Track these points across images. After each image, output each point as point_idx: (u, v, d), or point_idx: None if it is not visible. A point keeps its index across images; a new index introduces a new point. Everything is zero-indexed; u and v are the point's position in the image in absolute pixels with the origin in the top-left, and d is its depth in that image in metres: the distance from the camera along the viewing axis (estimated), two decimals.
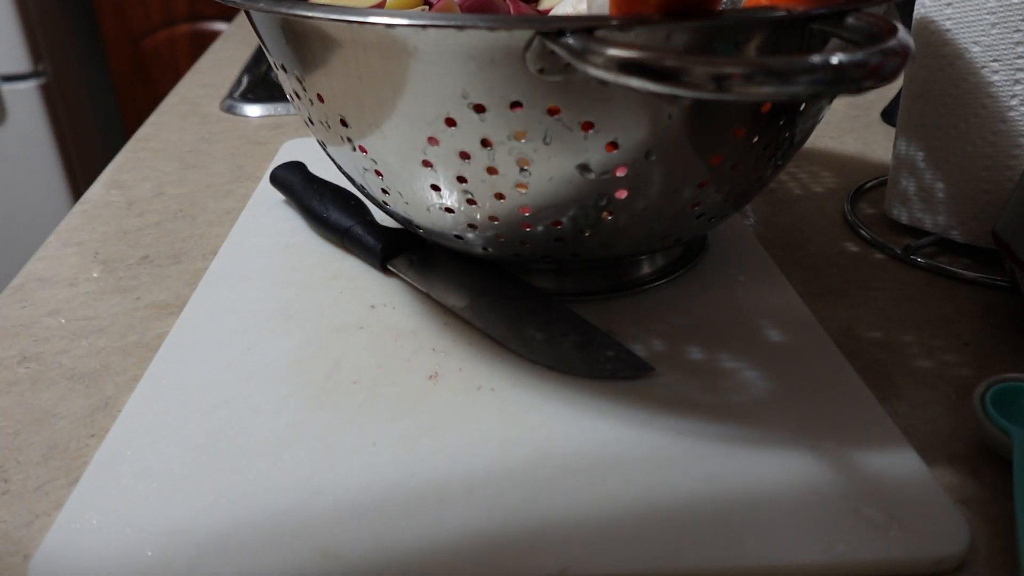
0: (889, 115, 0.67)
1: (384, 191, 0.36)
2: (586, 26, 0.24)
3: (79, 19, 1.74)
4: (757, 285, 0.41)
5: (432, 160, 0.32)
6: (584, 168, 0.31)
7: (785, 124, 0.33)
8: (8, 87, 1.46)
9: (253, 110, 0.72)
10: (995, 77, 0.40)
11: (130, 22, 1.73)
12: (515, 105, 0.29)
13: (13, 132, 1.49)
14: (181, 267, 0.46)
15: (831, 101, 0.38)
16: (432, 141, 0.31)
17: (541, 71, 0.28)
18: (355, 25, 0.29)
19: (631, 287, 0.40)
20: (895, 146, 0.47)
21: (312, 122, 0.37)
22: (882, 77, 0.22)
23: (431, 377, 0.35)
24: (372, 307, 0.40)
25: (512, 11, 0.37)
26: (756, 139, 0.33)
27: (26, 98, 1.48)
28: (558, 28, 0.25)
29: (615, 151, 0.30)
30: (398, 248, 0.43)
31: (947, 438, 0.32)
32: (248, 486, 0.29)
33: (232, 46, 0.98)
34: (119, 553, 0.26)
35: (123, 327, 0.40)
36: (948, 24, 0.41)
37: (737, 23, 0.27)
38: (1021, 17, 0.39)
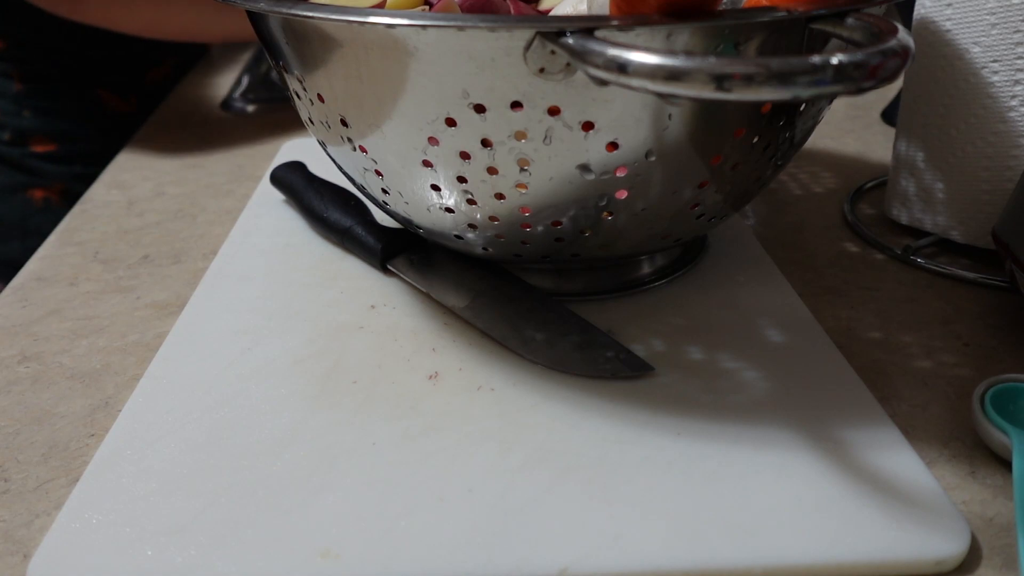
0: (889, 115, 0.67)
1: (384, 191, 0.36)
2: (586, 26, 0.24)
3: None
4: (757, 285, 0.41)
5: (432, 160, 0.32)
6: (584, 168, 0.31)
7: (785, 124, 0.33)
8: None
9: (253, 110, 0.72)
10: (995, 77, 0.40)
11: None
12: (515, 105, 0.29)
13: None
14: (181, 267, 0.46)
15: (831, 101, 0.38)
16: (432, 141, 0.31)
17: (541, 71, 0.28)
18: (355, 25, 0.29)
19: (631, 287, 0.40)
20: (895, 146, 0.47)
21: (312, 122, 0.37)
22: (882, 78, 0.22)
23: (431, 377, 0.35)
24: (372, 307, 0.40)
25: (512, 11, 0.37)
26: (756, 139, 0.33)
27: None
28: (558, 28, 0.25)
29: (615, 151, 0.30)
30: (398, 248, 0.43)
31: (947, 438, 0.32)
32: (248, 486, 0.29)
33: (232, 46, 0.98)
34: (119, 553, 0.26)
35: (123, 327, 0.40)
36: (948, 24, 0.41)
37: (737, 23, 0.27)
38: (1021, 17, 0.39)
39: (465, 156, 0.31)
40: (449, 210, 0.34)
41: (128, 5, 0.63)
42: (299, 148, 0.61)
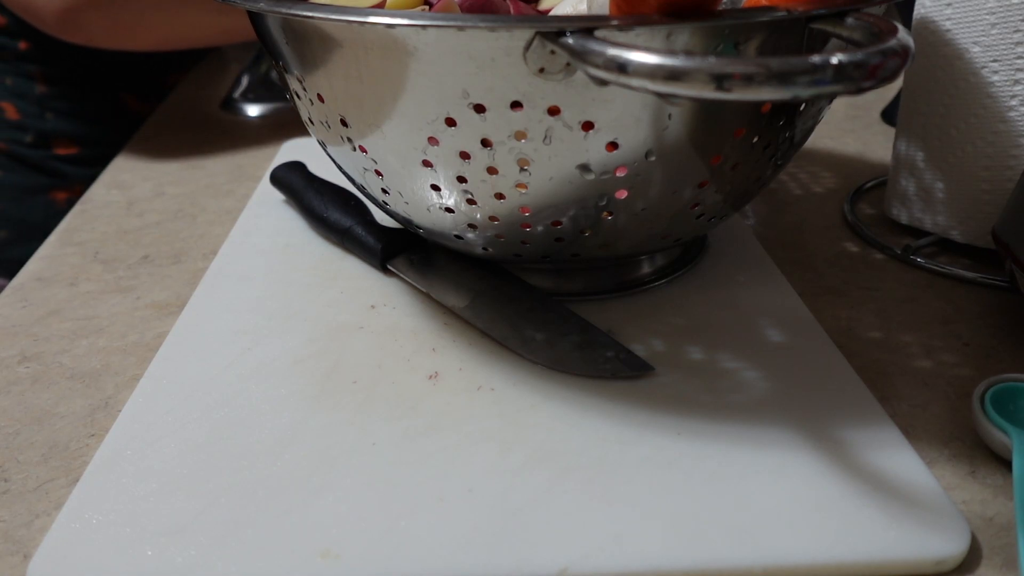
0: (889, 115, 0.67)
1: (384, 191, 0.36)
2: (586, 26, 0.24)
3: None
4: (757, 285, 0.41)
5: (432, 160, 0.32)
6: (584, 168, 0.31)
7: (785, 124, 0.33)
8: None
9: (253, 110, 0.73)
10: (995, 77, 0.40)
11: None
12: (515, 105, 0.29)
13: None
14: (181, 267, 0.46)
15: (831, 101, 0.38)
16: (432, 141, 0.31)
17: (541, 71, 0.28)
18: (355, 25, 0.29)
19: (631, 287, 0.40)
20: (895, 146, 0.47)
21: (312, 122, 0.37)
22: (882, 78, 0.22)
23: (431, 377, 0.35)
24: (372, 307, 0.40)
25: (512, 11, 0.37)
26: (756, 139, 0.33)
27: None
28: (558, 28, 0.25)
29: (615, 151, 0.30)
30: (398, 248, 0.43)
31: (947, 438, 0.32)
32: (248, 486, 0.29)
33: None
34: (119, 553, 0.26)
35: (123, 327, 0.40)
36: (948, 24, 0.41)
37: (737, 23, 0.27)
38: (1021, 17, 0.39)
39: (465, 156, 0.31)
40: (449, 210, 0.34)
41: (134, 26, 0.62)
42: (299, 148, 0.61)
